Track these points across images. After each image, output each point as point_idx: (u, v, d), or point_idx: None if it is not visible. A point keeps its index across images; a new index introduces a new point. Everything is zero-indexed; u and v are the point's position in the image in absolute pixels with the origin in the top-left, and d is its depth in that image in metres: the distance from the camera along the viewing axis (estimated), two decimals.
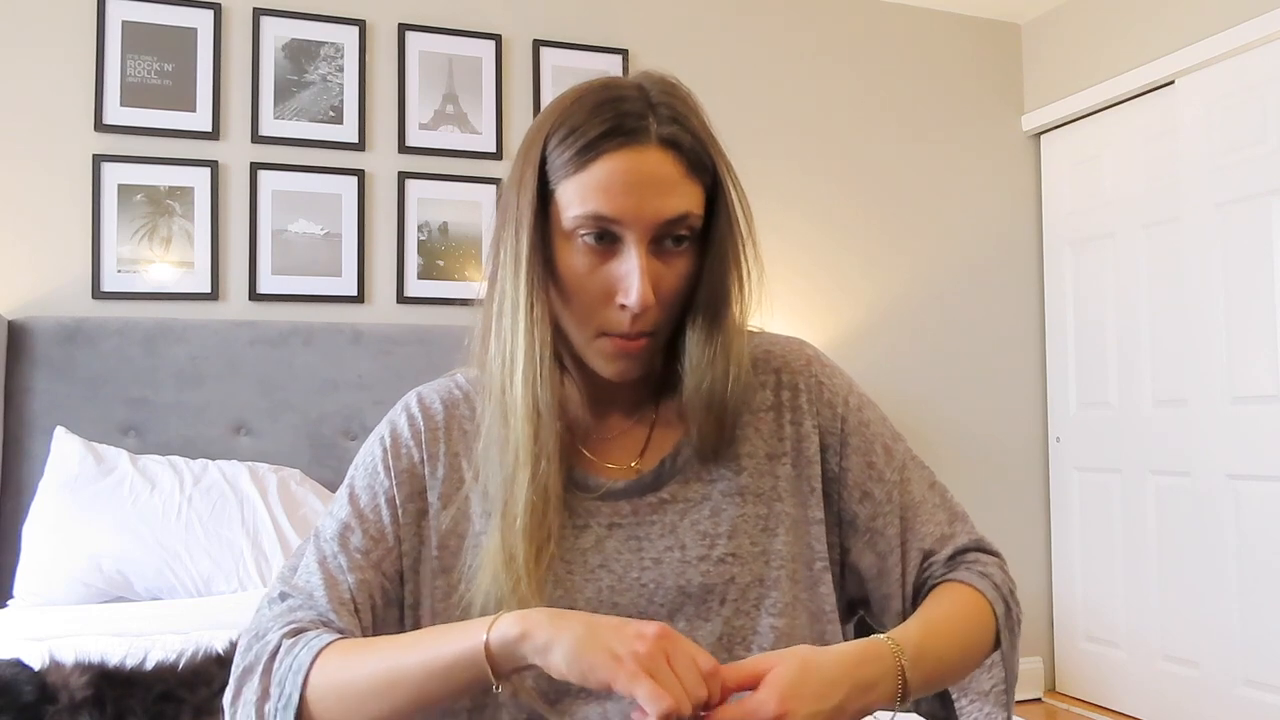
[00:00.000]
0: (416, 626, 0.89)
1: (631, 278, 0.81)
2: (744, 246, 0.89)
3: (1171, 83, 3.16)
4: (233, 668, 0.83)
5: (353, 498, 0.91)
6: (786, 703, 0.71)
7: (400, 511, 0.90)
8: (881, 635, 0.81)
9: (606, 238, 0.82)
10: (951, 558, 0.94)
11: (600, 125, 0.81)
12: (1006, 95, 3.74)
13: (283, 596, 0.86)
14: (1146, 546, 3.26)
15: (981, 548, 0.96)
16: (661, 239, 0.83)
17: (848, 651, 0.78)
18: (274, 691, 0.78)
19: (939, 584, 0.92)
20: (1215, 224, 3.00)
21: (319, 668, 0.77)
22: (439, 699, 0.77)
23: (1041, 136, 3.74)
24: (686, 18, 3.31)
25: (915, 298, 3.55)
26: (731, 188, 0.87)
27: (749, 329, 0.97)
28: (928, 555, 0.94)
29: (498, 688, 0.74)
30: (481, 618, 0.76)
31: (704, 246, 0.87)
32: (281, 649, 0.80)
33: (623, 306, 0.82)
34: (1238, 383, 2.92)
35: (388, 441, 0.93)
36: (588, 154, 0.81)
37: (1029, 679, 3.57)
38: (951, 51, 3.66)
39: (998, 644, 0.91)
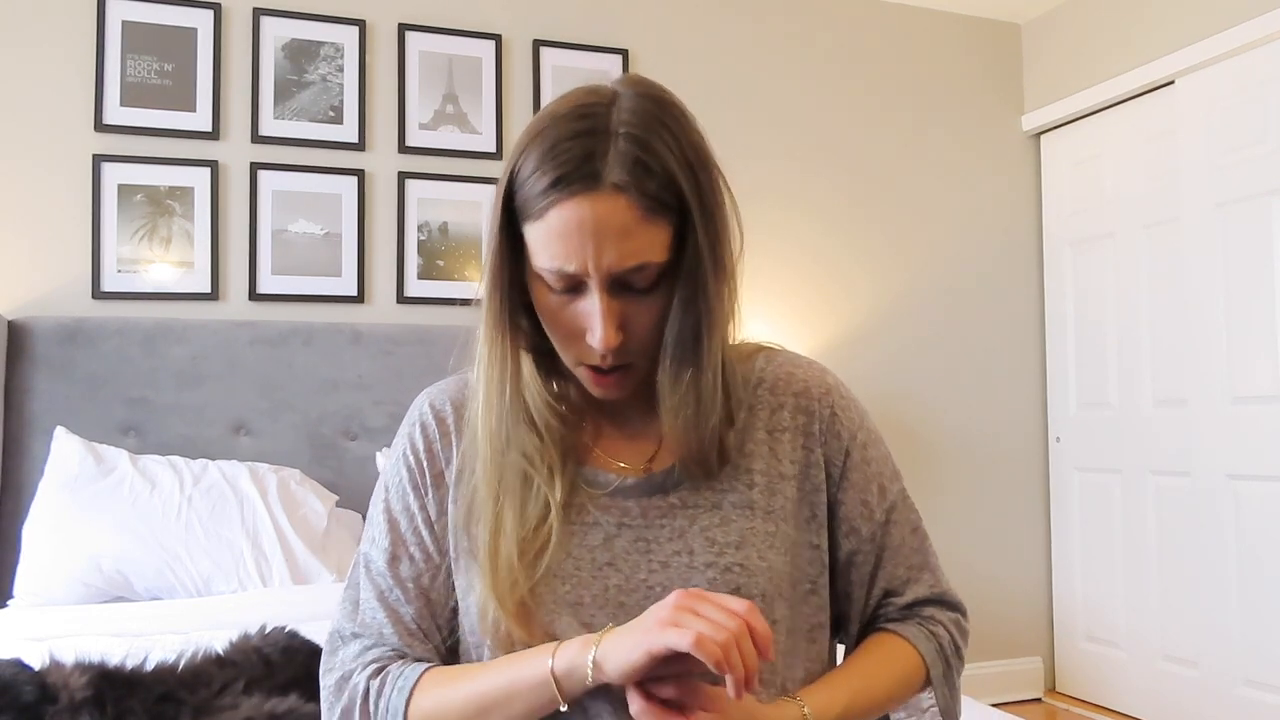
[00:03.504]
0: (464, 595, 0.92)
1: (594, 320, 0.81)
2: (720, 279, 0.84)
3: (1171, 83, 3.16)
4: (326, 708, 0.89)
5: (392, 523, 0.93)
6: None
7: (436, 525, 0.92)
8: (793, 705, 0.84)
9: (570, 283, 0.81)
10: (909, 605, 0.96)
11: (554, 170, 0.78)
12: (1006, 95, 3.74)
13: (354, 636, 0.91)
14: (1146, 546, 3.26)
15: (943, 600, 0.98)
16: (626, 280, 0.81)
17: (770, 712, 0.82)
18: None
19: (885, 631, 0.95)
20: (1215, 224, 3.00)
21: (415, 704, 0.84)
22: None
23: (1041, 136, 3.74)
24: (686, 18, 3.31)
25: (915, 298, 3.56)
26: (704, 219, 0.81)
27: (770, 345, 0.98)
28: (888, 594, 0.96)
29: (564, 708, 0.81)
30: (544, 646, 0.82)
31: (677, 280, 0.84)
32: (371, 690, 0.86)
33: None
34: (1238, 383, 2.92)
35: (411, 459, 0.94)
36: (542, 201, 0.79)
37: (1029, 679, 3.57)
38: (951, 51, 3.66)
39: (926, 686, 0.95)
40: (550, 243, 0.79)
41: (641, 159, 0.78)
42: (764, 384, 0.95)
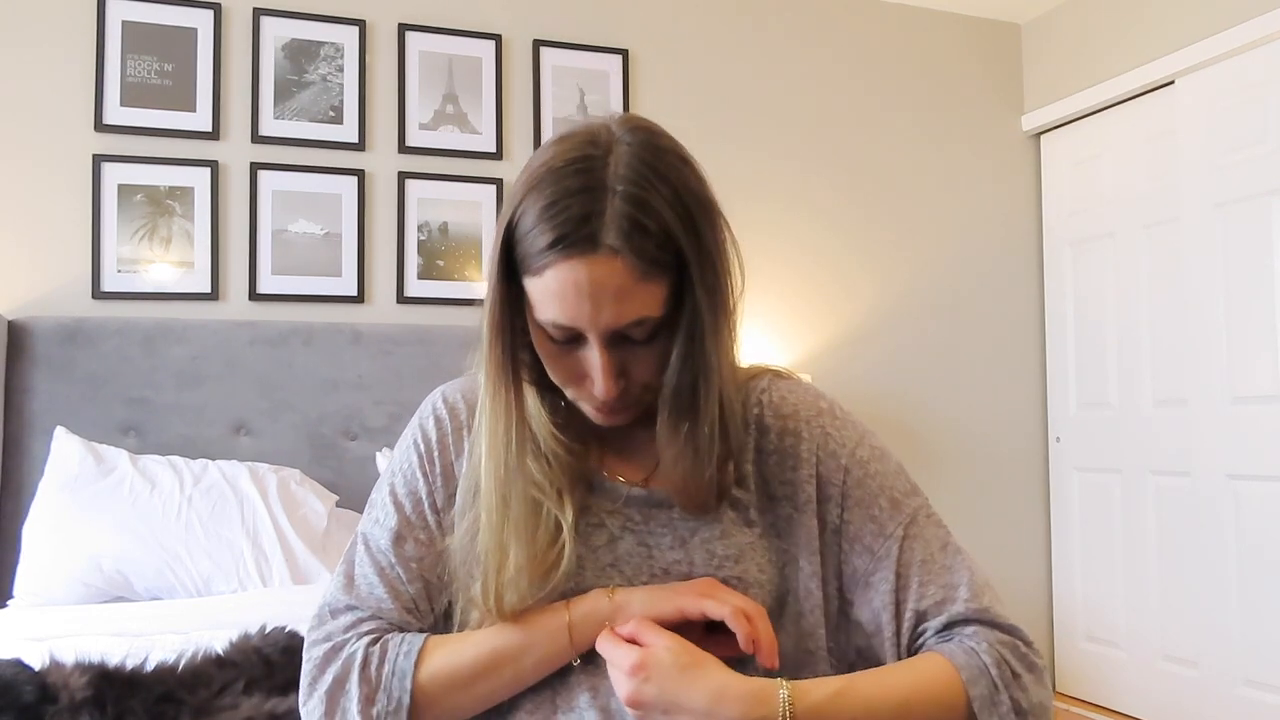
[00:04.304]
0: (463, 613, 0.92)
1: (594, 372, 0.83)
2: (720, 329, 0.85)
3: (1171, 83, 3.16)
4: (308, 681, 0.87)
5: (398, 505, 0.94)
6: (643, 671, 0.79)
7: (442, 515, 0.94)
8: (784, 680, 0.80)
9: (569, 333, 0.83)
10: (947, 627, 0.88)
11: (555, 229, 0.78)
12: (1006, 95, 3.74)
13: (349, 608, 0.91)
14: (1146, 546, 3.26)
15: (985, 619, 0.87)
16: (625, 334, 0.82)
17: (734, 679, 0.80)
18: (380, 697, 0.85)
19: (924, 651, 0.88)
20: (1215, 224, 3.00)
21: (425, 666, 0.86)
22: (533, 676, 0.87)
23: (1041, 136, 3.74)
24: (686, 18, 3.31)
25: (915, 298, 3.56)
26: (702, 273, 0.82)
27: (777, 370, 0.99)
28: (921, 617, 0.88)
29: (577, 661, 0.86)
30: (556, 604, 0.87)
31: (675, 330, 0.84)
32: (372, 657, 0.86)
33: None
34: (1238, 383, 2.92)
35: (421, 446, 0.96)
36: (540, 260, 0.80)
37: None
38: (951, 51, 3.66)
39: None
40: (548, 300, 0.80)
41: (638, 219, 0.78)
42: (760, 405, 0.96)
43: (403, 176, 2.95)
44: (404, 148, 2.96)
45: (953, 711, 0.82)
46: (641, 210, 0.79)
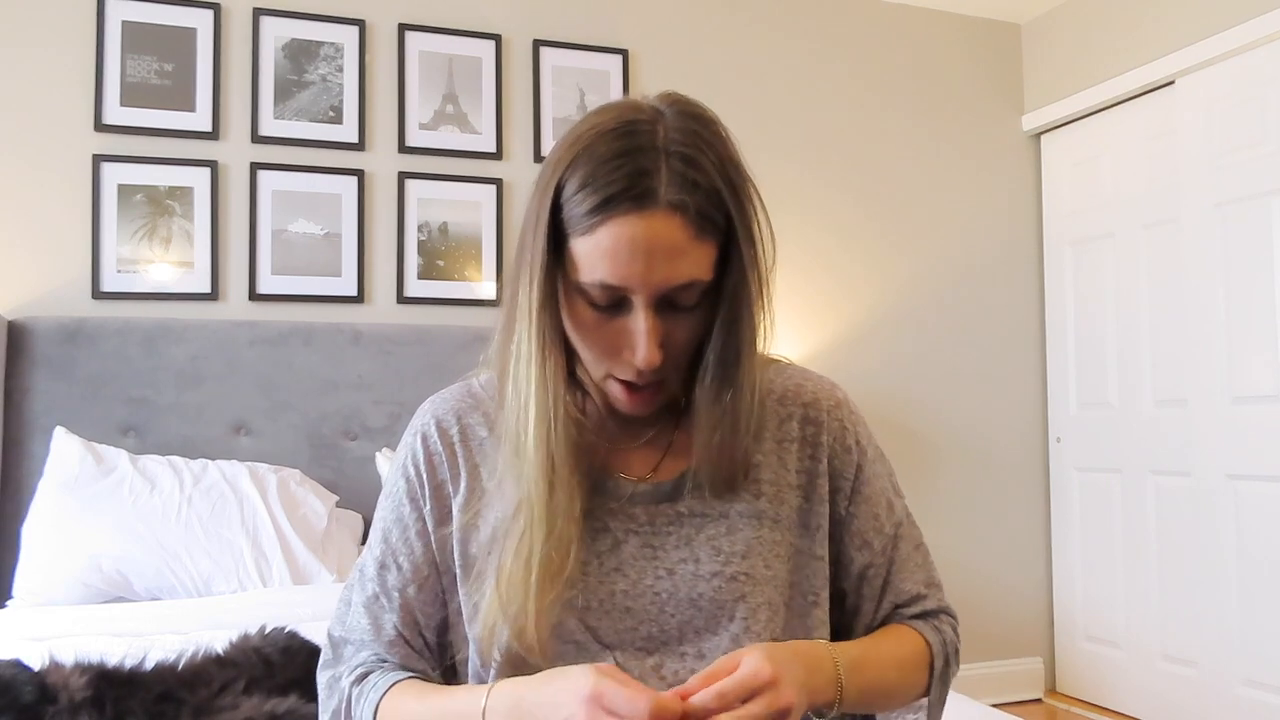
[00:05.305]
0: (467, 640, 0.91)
1: (638, 338, 0.81)
2: (759, 297, 0.85)
3: (1171, 83, 3.16)
4: (321, 705, 0.94)
5: (385, 532, 0.95)
6: (778, 669, 0.76)
7: (433, 539, 0.93)
8: (822, 643, 0.87)
9: (615, 298, 0.81)
10: (915, 617, 0.98)
11: (609, 186, 0.78)
12: (1006, 95, 3.74)
13: (343, 640, 0.95)
14: (1146, 546, 3.26)
15: (944, 610, 1.01)
16: (672, 298, 0.82)
17: (790, 643, 0.84)
18: None
19: (894, 623, 0.98)
20: (1215, 224, 3.00)
21: (381, 716, 0.88)
22: None
23: (1041, 136, 3.74)
24: (686, 18, 3.31)
25: (915, 298, 3.56)
26: (746, 238, 0.83)
27: (779, 359, 0.99)
28: (896, 605, 0.98)
29: None
30: (476, 693, 0.83)
31: (718, 298, 0.84)
32: (353, 697, 0.90)
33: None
34: (1238, 383, 2.92)
35: (410, 470, 0.95)
36: (596, 216, 0.78)
37: (1029, 679, 3.57)
38: (951, 51, 3.66)
39: (928, 691, 0.96)
40: (599, 259, 0.79)
41: (694, 178, 0.79)
42: (773, 395, 0.96)
43: (403, 176, 2.95)
44: (404, 148, 2.96)
45: (921, 675, 0.94)
46: (695, 170, 0.79)
